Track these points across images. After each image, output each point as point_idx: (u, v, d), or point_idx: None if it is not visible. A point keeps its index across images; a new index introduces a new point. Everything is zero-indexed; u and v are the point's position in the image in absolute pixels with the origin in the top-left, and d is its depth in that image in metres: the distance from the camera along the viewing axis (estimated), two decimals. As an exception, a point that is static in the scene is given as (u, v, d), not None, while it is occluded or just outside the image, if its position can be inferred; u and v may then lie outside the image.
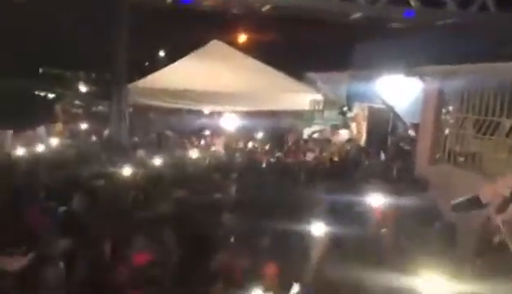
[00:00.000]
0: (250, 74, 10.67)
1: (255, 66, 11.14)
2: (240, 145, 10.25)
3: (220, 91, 10.16)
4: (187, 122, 10.98)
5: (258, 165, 8.38)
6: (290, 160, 9.19)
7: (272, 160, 8.90)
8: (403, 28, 9.35)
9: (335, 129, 11.11)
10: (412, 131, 8.74)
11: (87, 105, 14.36)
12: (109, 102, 10.20)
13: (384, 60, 8.70)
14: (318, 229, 4.00)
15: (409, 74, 7.96)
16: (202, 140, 10.53)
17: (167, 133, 10.67)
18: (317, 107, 10.96)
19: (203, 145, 10.07)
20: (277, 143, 10.55)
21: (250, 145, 10.29)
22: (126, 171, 6.59)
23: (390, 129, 9.75)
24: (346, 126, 11.10)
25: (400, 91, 8.92)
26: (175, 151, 8.96)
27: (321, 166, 8.67)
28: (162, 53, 19.56)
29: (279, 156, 9.35)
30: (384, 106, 9.62)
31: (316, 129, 11.27)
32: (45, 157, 7.90)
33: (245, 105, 10.56)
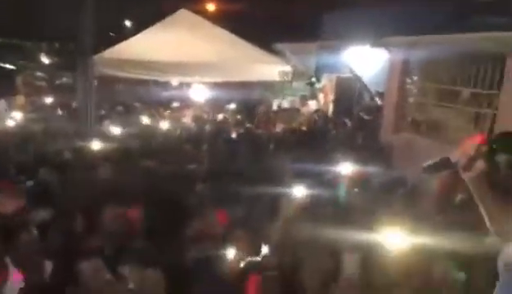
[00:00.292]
0: (219, 45, 10.57)
1: (224, 36, 11.03)
2: (210, 116, 10.27)
3: (188, 62, 10.04)
4: (156, 94, 10.86)
5: (229, 136, 8.47)
6: (261, 131, 9.31)
7: (243, 131, 8.99)
8: (370, -1, 9.46)
9: (304, 100, 11.27)
10: (378, 100, 8.99)
11: (50, 77, 13.93)
12: (74, 74, 9.95)
13: (352, 31, 8.82)
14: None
15: (375, 45, 8.12)
16: (171, 112, 10.47)
17: (135, 105, 10.55)
18: (286, 78, 11.04)
19: (172, 117, 10.02)
20: (247, 114, 10.62)
21: (220, 116, 10.33)
22: (95, 144, 6.54)
23: (357, 98, 9.98)
24: (314, 96, 11.27)
25: (366, 61, 9.10)
26: (144, 123, 8.91)
27: (290, 136, 8.84)
28: (128, 23, 19.03)
29: (249, 127, 9.45)
30: (351, 76, 9.80)
31: (285, 100, 11.40)
32: (9, 131, 7.73)
33: (214, 76, 10.50)
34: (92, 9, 9.14)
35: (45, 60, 15.93)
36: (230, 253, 3.56)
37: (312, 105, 11.05)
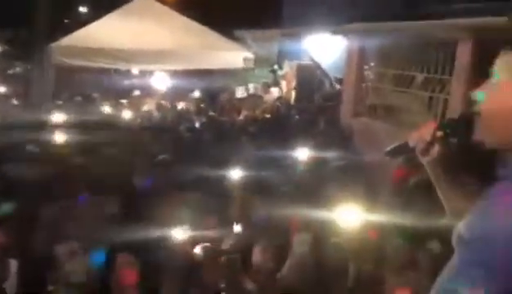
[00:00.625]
0: (181, 32, 10.47)
1: (185, 24, 10.92)
2: (173, 105, 10.19)
3: (149, 50, 9.90)
4: (116, 83, 10.66)
5: (192, 124, 8.46)
6: (224, 118, 9.34)
7: (205, 119, 8.99)
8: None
9: (266, 87, 11.35)
10: (338, 86, 9.19)
11: (2, 67, 13.37)
12: (29, 63, 9.63)
13: (311, 18, 8.95)
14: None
15: (334, 32, 8.29)
16: (132, 101, 10.31)
17: (94, 95, 10.32)
18: (249, 65, 11.08)
19: (133, 105, 9.88)
20: (210, 102, 10.60)
21: (182, 105, 10.27)
22: (56, 136, 6.41)
23: (317, 85, 10.16)
24: (277, 83, 11.38)
25: (326, 48, 9.27)
26: (104, 112, 8.77)
27: (254, 123, 8.93)
28: (83, 9, 18.45)
29: (212, 115, 9.46)
30: (312, 63, 9.96)
31: (248, 87, 11.44)
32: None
33: (176, 64, 10.41)
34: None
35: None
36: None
37: (275, 92, 11.16)
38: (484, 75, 1.29)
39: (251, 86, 11.51)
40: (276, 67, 11.30)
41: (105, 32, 9.98)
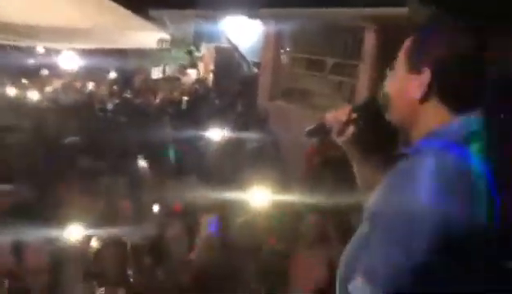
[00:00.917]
0: (91, 9, 9.85)
1: (97, 1, 10.35)
2: (83, 86, 9.69)
3: (56, 26, 9.22)
4: (20, 61, 9.85)
5: (104, 106, 8.13)
6: (140, 100, 9.07)
7: (119, 101, 8.68)
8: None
9: (183, 69, 11.19)
10: (255, 70, 9.33)
11: None
12: None
13: (228, 1, 8.93)
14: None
15: (251, 16, 8.37)
16: (38, 81, 9.63)
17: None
18: (164, 46, 10.80)
19: (39, 86, 9.23)
20: (124, 83, 10.23)
21: (93, 85, 9.78)
22: None
23: (235, 68, 10.22)
24: (194, 65, 11.25)
25: (243, 32, 9.34)
26: (6, 93, 8.11)
27: (171, 105, 8.80)
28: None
29: (126, 96, 9.15)
30: (230, 46, 9.98)
31: (163, 68, 11.20)
32: None
33: (86, 43, 9.81)
34: None
35: None
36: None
37: (192, 74, 11.03)
38: (389, 61, 1.37)
39: (167, 67, 11.27)
40: (193, 48, 11.15)
41: (7, 5, 9.13)
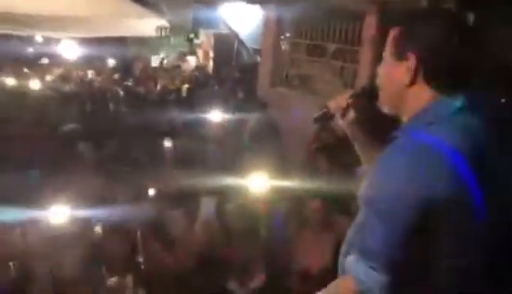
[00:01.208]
0: (90, -2, 9.85)
1: (94, -12, 10.27)
2: (83, 74, 9.69)
3: (56, 16, 9.21)
4: (20, 50, 9.84)
5: (104, 95, 8.14)
6: (140, 88, 9.08)
7: (120, 89, 8.69)
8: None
9: (183, 56, 11.17)
10: (255, 56, 9.31)
11: None
12: None
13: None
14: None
15: (250, 1, 8.32)
16: (38, 70, 9.62)
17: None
18: (164, 33, 10.77)
19: (39, 75, 9.23)
20: (124, 71, 10.22)
21: (93, 74, 9.78)
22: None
23: (235, 54, 10.20)
24: (193, 53, 11.22)
25: (242, 18, 9.30)
26: (7, 82, 8.13)
27: (172, 92, 8.81)
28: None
29: (128, 85, 9.15)
30: (229, 32, 9.95)
31: (163, 56, 11.17)
32: None
33: (85, 32, 9.80)
34: None
35: None
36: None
37: (192, 62, 11.01)
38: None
39: (166, 55, 11.24)
40: (192, 35, 11.11)
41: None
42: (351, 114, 1.56)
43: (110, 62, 10.47)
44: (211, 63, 10.80)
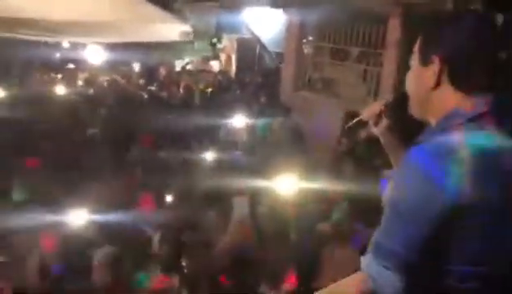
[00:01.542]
0: (115, 3, 10.00)
1: (119, -6, 10.45)
2: (110, 79, 9.86)
3: (82, 21, 9.38)
4: (47, 56, 10.08)
5: (130, 99, 8.26)
6: (165, 93, 9.19)
7: (145, 94, 8.81)
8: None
9: (206, 60, 11.26)
10: (278, 61, 9.32)
11: None
12: None
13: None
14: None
15: (273, 5, 8.34)
16: (65, 75, 9.84)
17: (24, 68, 9.71)
18: (187, 38, 10.87)
19: (66, 80, 9.45)
20: (149, 76, 10.36)
21: (119, 78, 9.95)
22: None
23: (257, 59, 10.24)
24: (216, 57, 11.31)
25: (265, 22, 9.32)
26: (35, 87, 8.34)
27: (195, 97, 8.89)
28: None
29: (152, 89, 9.27)
30: (251, 37, 9.99)
31: (187, 61, 11.28)
32: None
33: (110, 37, 9.97)
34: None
35: None
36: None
37: (215, 66, 11.10)
38: (412, 50, 1.43)
39: (190, 59, 11.35)
40: (215, 40, 11.21)
41: (33, 2, 9.33)
42: (384, 122, 1.59)
43: (135, 67, 10.63)
44: (234, 67, 10.86)
